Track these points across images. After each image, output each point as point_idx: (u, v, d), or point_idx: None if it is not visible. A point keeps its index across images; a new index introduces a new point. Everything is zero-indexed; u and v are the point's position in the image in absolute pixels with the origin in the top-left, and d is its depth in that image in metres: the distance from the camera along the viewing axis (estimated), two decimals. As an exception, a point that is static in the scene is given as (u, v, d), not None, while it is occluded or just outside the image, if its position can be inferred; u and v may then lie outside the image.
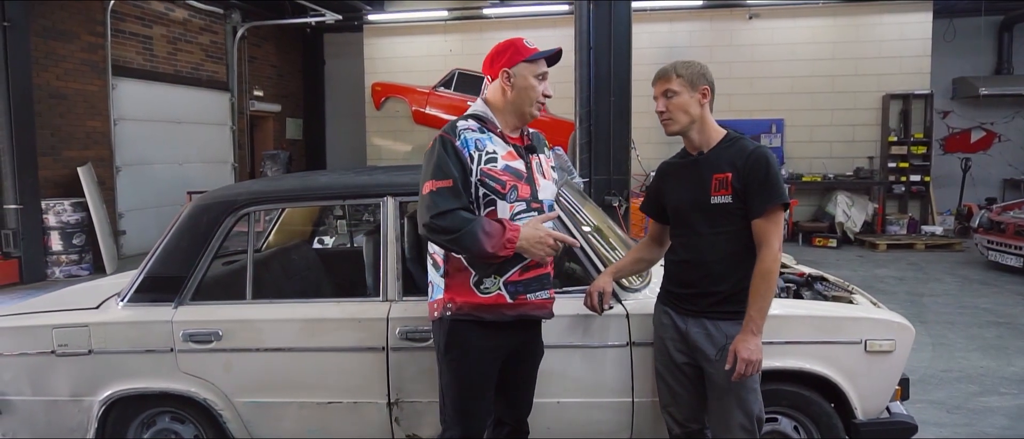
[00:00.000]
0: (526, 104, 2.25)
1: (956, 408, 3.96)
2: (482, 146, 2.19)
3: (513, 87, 2.24)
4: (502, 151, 2.22)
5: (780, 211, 2.18)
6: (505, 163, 2.20)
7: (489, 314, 2.19)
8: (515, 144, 2.27)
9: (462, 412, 2.26)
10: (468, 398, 2.26)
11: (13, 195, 7.87)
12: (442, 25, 12.07)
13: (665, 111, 2.31)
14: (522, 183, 2.22)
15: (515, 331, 2.27)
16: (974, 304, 6.53)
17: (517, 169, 2.23)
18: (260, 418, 2.85)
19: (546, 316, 2.34)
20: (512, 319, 2.22)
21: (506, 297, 2.20)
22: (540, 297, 2.27)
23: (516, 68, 2.23)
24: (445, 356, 2.26)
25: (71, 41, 8.89)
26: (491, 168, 2.17)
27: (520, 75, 2.23)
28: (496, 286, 2.19)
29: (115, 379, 2.85)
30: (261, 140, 13.42)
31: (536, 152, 2.35)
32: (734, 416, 2.24)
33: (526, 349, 2.38)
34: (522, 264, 2.19)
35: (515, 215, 2.19)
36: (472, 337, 2.21)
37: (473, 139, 2.19)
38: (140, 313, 2.86)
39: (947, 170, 11.77)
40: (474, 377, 2.25)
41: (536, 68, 2.24)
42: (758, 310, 2.15)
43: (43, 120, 8.45)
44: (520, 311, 2.23)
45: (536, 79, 2.24)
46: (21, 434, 3.01)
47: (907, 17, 10.86)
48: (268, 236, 4.00)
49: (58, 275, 8.27)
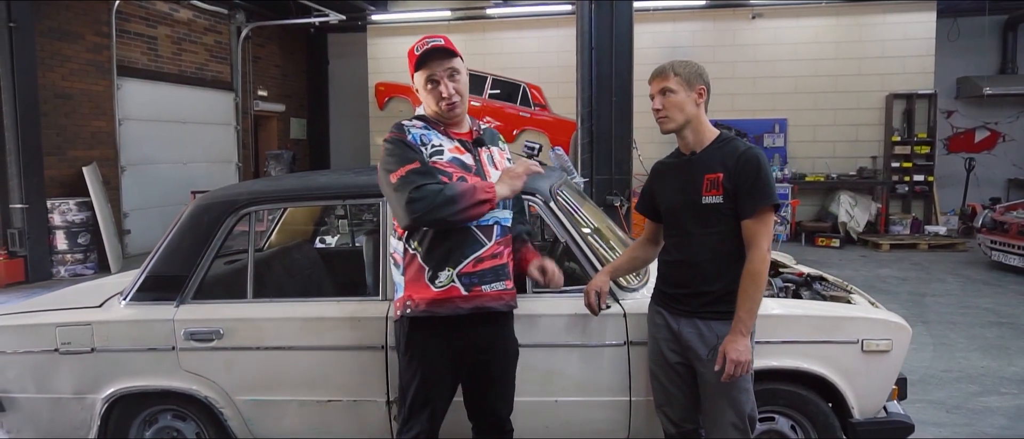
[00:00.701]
0: (433, 108, 2.24)
1: (955, 408, 3.97)
2: (428, 140, 2.21)
3: (421, 95, 2.27)
4: (448, 145, 2.23)
5: (770, 212, 2.19)
6: (452, 156, 2.22)
7: (444, 308, 2.18)
8: (461, 139, 2.28)
9: (420, 410, 2.25)
10: (427, 396, 2.24)
11: (19, 194, 7.92)
12: (445, 25, 12.09)
13: (661, 109, 2.32)
14: (470, 175, 2.22)
15: (475, 326, 2.24)
16: (976, 304, 6.53)
17: (464, 162, 2.23)
18: (261, 416, 2.87)
19: (504, 308, 2.28)
20: (468, 312, 2.20)
21: (460, 289, 2.18)
22: (496, 288, 2.23)
23: (415, 77, 2.24)
24: (404, 354, 2.26)
25: (76, 41, 8.94)
26: (437, 160, 2.18)
27: (418, 84, 2.24)
28: (450, 279, 2.18)
29: (118, 377, 2.88)
30: (265, 140, 13.47)
31: (485, 146, 2.34)
32: (726, 415, 2.26)
33: (494, 347, 2.33)
34: (475, 255, 2.19)
35: None
36: (430, 335, 2.22)
37: (419, 134, 2.21)
38: (142, 312, 2.89)
39: (951, 170, 11.74)
40: (433, 375, 2.24)
41: (425, 73, 2.20)
42: (747, 311, 2.16)
43: (49, 120, 8.50)
44: (476, 303, 2.20)
45: (431, 83, 2.20)
46: (25, 431, 3.05)
47: (911, 17, 10.83)
48: (270, 235, 4.03)
49: (63, 274, 8.32)
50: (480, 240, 2.21)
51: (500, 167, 2.34)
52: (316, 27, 13.27)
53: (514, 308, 2.36)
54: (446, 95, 2.19)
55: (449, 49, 2.21)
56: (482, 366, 2.33)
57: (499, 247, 2.26)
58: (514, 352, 2.43)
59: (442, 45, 2.19)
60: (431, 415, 2.27)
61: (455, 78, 2.22)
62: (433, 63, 2.19)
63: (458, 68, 2.23)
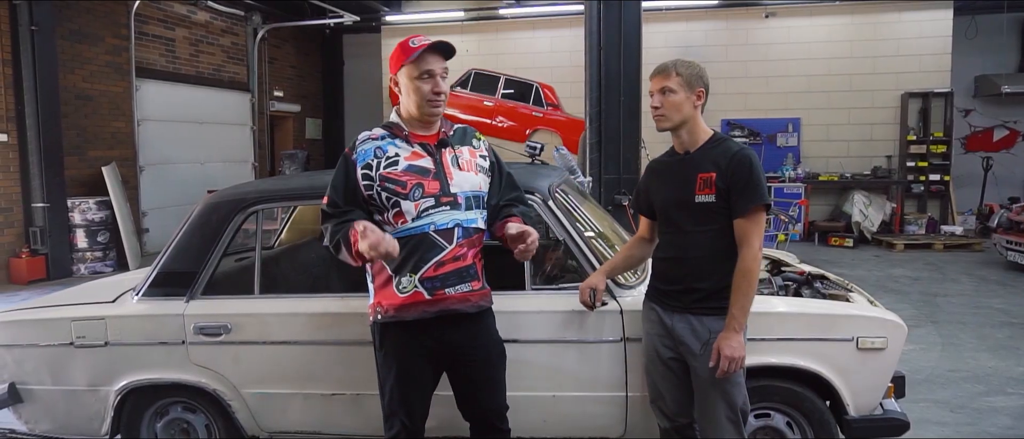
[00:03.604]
0: (416, 106, 2.23)
1: (960, 407, 3.96)
2: (382, 152, 2.23)
3: (402, 92, 2.26)
4: (405, 152, 2.23)
5: (762, 211, 2.24)
6: (408, 163, 2.22)
7: (410, 313, 2.21)
8: (422, 143, 2.26)
9: (399, 409, 2.29)
10: (404, 396, 2.28)
11: (41, 194, 8.12)
12: (459, 25, 12.17)
13: (659, 107, 2.36)
14: (428, 180, 2.22)
15: (444, 328, 2.25)
16: (988, 304, 6.47)
17: (421, 167, 2.23)
18: (267, 408, 2.96)
19: (472, 309, 2.27)
20: (434, 315, 2.22)
21: (424, 294, 2.20)
22: (461, 291, 2.24)
23: (400, 72, 2.23)
24: (379, 354, 2.32)
25: (96, 44, 9.13)
26: (391, 171, 2.20)
27: (404, 79, 2.23)
28: (412, 284, 2.21)
29: (130, 370, 2.97)
30: (281, 140, 13.63)
31: (450, 145, 2.30)
32: (719, 408, 2.30)
33: (472, 347, 2.32)
34: (435, 260, 2.20)
35: (423, 211, 2.20)
36: (399, 338, 2.26)
37: (372, 147, 2.24)
38: (154, 307, 2.98)
39: (968, 169, 11.60)
40: (406, 376, 2.27)
41: (418, 67, 2.19)
42: (740, 308, 2.21)
43: (69, 121, 8.70)
44: (441, 307, 2.22)
45: (420, 80, 2.20)
46: (42, 422, 3.15)
47: (927, 15, 10.73)
48: (280, 233, 4.12)
49: (83, 271, 8.50)
50: (440, 244, 2.22)
51: (469, 166, 2.31)
52: (331, 28, 13.41)
53: (486, 307, 2.35)
54: (440, 91, 2.22)
55: (451, 49, 2.24)
56: (465, 367, 2.35)
57: (462, 249, 2.24)
58: (497, 352, 2.40)
59: (446, 43, 2.21)
60: (409, 412, 2.30)
61: (445, 78, 2.25)
62: (432, 59, 2.21)
63: (448, 70, 2.27)
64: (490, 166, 2.39)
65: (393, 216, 2.21)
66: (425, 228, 2.20)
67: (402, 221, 2.21)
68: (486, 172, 2.37)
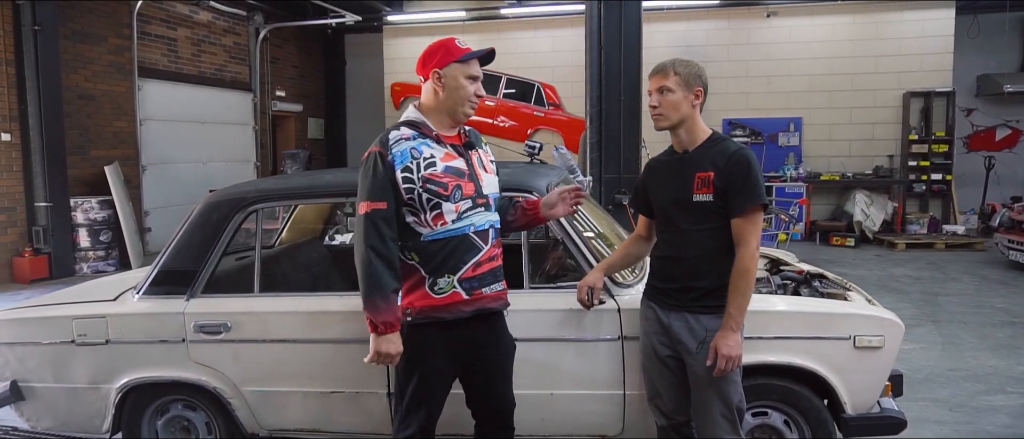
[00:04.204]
0: (457, 104, 2.26)
1: (959, 406, 3.96)
2: (418, 153, 2.21)
3: (444, 88, 2.26)
4: (439, 153, 2.24)
5: (759, 211, 2.25)
6: (445, 164, 2.23)
7: (447, 313, 2.23)
8: (452, 144, 2.30)
9: (420, 406, 2.30)
10: (424, 395, 2.29)
11: (44, 193, 8.15)
12: (460, 25, 12.18)
13: (657, 106, 2.37)
14: (465, 181, 2.25)
15: (474, 327, 2.30)
16: (989, 304, 6.47)
17: (458, 168, 2.26)
18: (266, 406, 2.97)
19: (502, 307, 2.36)
20: (470, 314, 2.26)
21: (462, 294, 2.24)
22: (495, 289, 2.31)
23: (447, 69, 2.25)
24: (403, 357, 2.24)
25: (99, 44, 9.16)
26: (432, 172, 2.19)
27: (450, 76, 2.25)
28: (451, 285, 2.23)
29: (131, 368, 2.99)
30: (283, 139, 13.65)
31: (474, 148, 2.36)
32: (714, 406, 2.31)
33: (490, 345, 2.38)
34: (474, 261, 2.24)
35: (463, 212, 2.23)
36: (430, 339, 2.26)
37: (407, 148, 2.21)
38: (154, 305, 3.00)
39: (971, 169, 11.59)
40: (431, 377, 2.29)
41: (467, 69, 2.25)
42: (737, 307, 2.22)
43: (72, 121, 8.73)
44: (477, 305, 2.27)
45: (467, 80, 2.25)
46: (44, 419, 3.18)
47: (928, 14, 10.71)
48: (281, 233, 4.13)
49: (86, 271, 8.53)
50: (478, 245, 2.26)
51: (490, 168, 2.40)
52: (333, 28, 13.43)
53: (508, 306, 2.43)
54: (481, 95, 2.29)
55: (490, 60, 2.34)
56: (481, 362, 2.38)
57: (495, 250, 2.33)
58: (509, 346, 2.48)
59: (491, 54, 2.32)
60: (428, 413, 2.33)
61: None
62: (475, 66, 2.28)
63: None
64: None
65: (432, 218, 2.21)
66: (465, 230, 2.24)
67: (441, 223, 2.21)
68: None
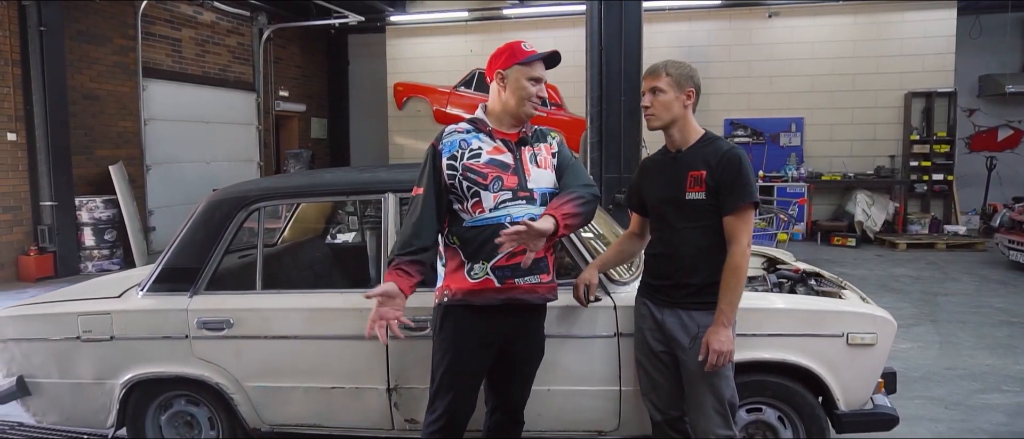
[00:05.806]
0: (519, 104, 2.36)
1: (954, 404, 3.99)
2: (467, 144, 2.36)
3: (507, 88, 2.37)
4: (488, 147, 2.36)
5: (750, 209, 2.29)
6: (490, 157, 2.35)
7: (478, 299, 2.33)
8: (503, 139, 2.39)
9: (449, 391, 2.39)
10: (456, 378, 2.39)
11: (49, 192, 8.22)
12: (463, 25, 12.23)
13: (650, 107, 2.42)
14: (507, 174, 2.34)
15: (507, 317, 2.37)
16: (989, 304, 6.49)
17: (502, 161, 2.35)
18: (268, 401, 3.02)
19: (537, 300, 2.41)
20: (501, 303, 2.34)
21: (494, 281, 2.32)
22: (529, 282, 2.35)
23: (510, 70, 2.36)
24: (438, 336, 2.42)
25: (104, 44, 9.23)
26: (473, 163, 2.33)
27: (513, 77, 2.36)
28: (484, 271, 2.32)
29: (135, 364, 3.04)
30: (286, 139, 13.71)
31: (529, 144, 2.43)
32: (707, 400, 2.35)
33: (521, 338, 2.46)
34: (507, 251, 2.29)
35: (500, 202, 2.32)
36: (463, 320, 2.36)
37: (458, 139, 2.38)
38: (158, 302, 3.05)
39: (972, 169, 11.58)
40: (463, 358, 2.38)
41: (530, 71, 2.35)
42: (728, 303, 2.26)
43: (77, 120, 8.79)
44: (508, 295, 2.34)
45: (529, 81, 2.35)
46: (49, 414, 3.23)
47: (930, 14, 10.72)
48: (284, 231, 4.18)
49: (91, 269, 8.59)
50: None
51: (545, 164, 2.44)
52: (336, 28, 13.48)
53: (550, 301, 2.47)
54: (543, 96, 2.39)
55: (555, 62, 2.42)
56: (509, 354, 2.46)
57: None
58: (540, 348, 2.56)
59: (554, 56, 2.40)
60: (455, 397, 2.40)
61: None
62: (540, 66, 2.38)
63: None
64: (560, 162, 2.49)
65: (472, 206, 2.33)
66: (502, 219, 2.31)
67: (480, 211, 2.33)
68: (557, 169, 2.48)
